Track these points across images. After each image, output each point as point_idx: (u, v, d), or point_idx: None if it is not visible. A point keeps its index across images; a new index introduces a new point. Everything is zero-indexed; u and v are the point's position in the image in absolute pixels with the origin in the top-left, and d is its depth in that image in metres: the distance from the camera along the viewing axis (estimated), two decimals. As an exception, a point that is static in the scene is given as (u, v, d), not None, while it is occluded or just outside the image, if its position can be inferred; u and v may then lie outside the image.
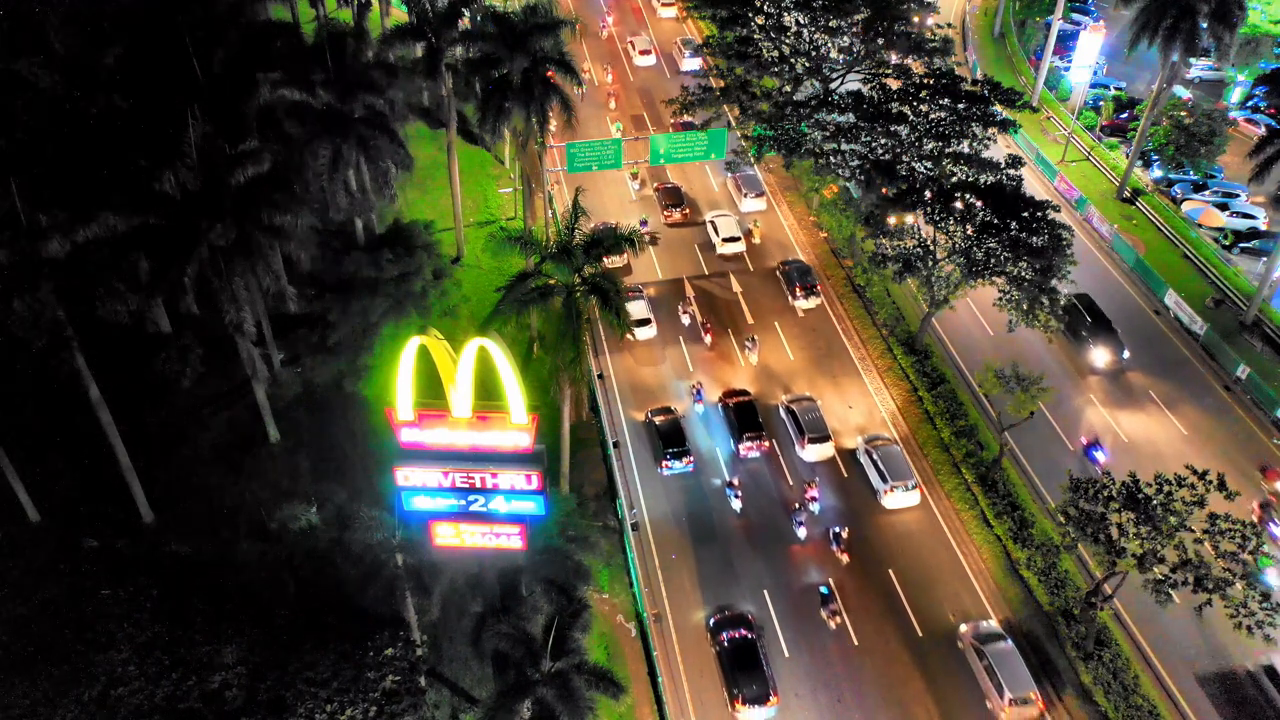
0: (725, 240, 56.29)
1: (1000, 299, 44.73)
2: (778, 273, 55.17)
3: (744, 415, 44.41)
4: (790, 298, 53.21)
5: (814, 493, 41.67)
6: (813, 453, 43.45)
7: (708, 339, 50.43)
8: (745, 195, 59.72)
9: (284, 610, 33.89)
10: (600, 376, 48.52)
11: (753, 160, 58.02)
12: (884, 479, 41.73)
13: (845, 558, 39.80)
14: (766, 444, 44.10)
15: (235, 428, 44.18)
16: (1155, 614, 36.64)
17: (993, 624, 37.50)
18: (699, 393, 46.80)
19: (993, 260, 43.71)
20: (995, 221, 43.59)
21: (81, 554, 38.43)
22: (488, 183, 62.14)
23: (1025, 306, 43.71)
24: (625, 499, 42.07)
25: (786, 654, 36.62)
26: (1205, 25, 55.05)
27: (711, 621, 37.17)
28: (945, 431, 45.33)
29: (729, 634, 35.73)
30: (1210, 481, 33.71)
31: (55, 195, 35.79)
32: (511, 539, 30.72)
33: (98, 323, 36.13)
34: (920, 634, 37.41)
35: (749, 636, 35.67)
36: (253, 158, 38.36)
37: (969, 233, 44.24)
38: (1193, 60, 63.85)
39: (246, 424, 44.10)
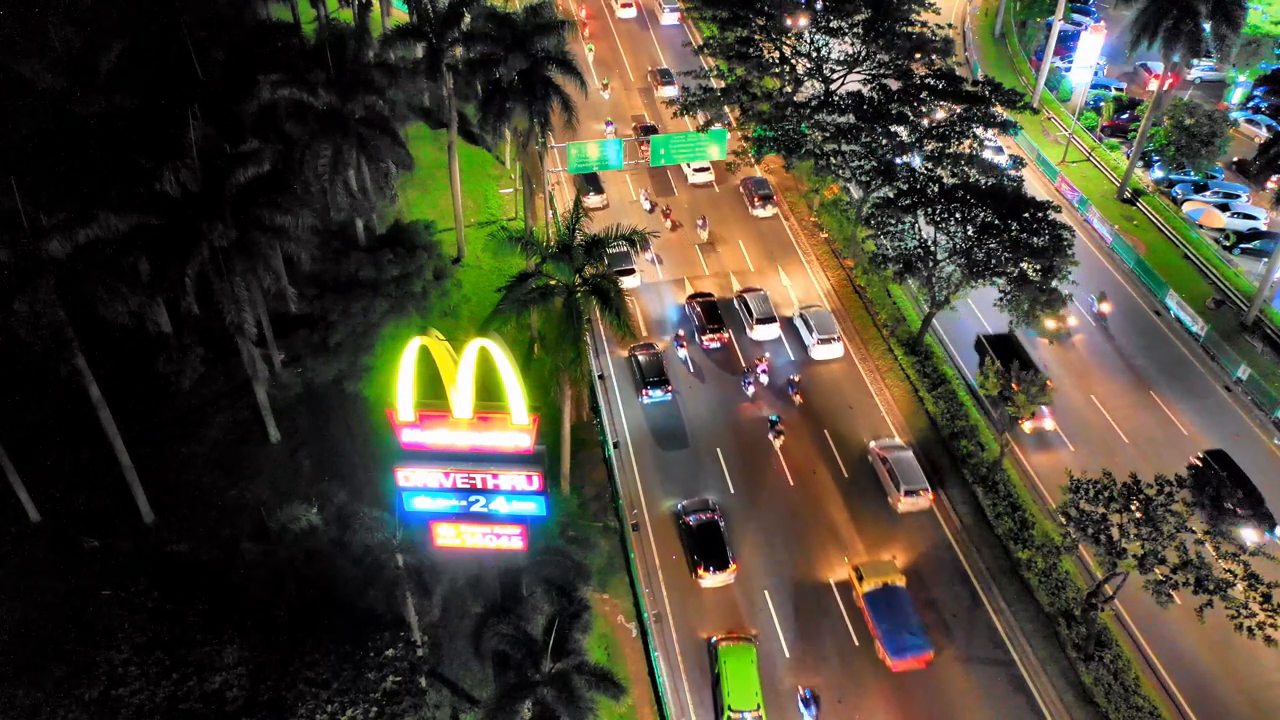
0: (697, 170, 63.08)
1: (1001, 299, 44.73)
2: (739, 188, 61.97)
3: (707, 312, 51.05)
4: (750, 207, 60.44)
5: (763, 366, 48.44)
6: (760, 332, 50.65)
7: (668, 224, 58.50)
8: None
9: (284, 611, 33.78)
10: (601, 377, 48.58)
11: (753, 160, 58.20)
12: (811, 333, 49.50)
13: (799, 399, 47.18)
14: (726, 336, 50.65)
15: (236, 428, 44.16)
16: (1156, 615, 36.64)
17: (896, 440, 44.76)
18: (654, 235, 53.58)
19: (994, 261, 43.70)
20: (996, 222, 43.58)
21: (81, 554, 38.42)
22: (488, 183, 62.15)
23: (1026, 307, 43.70)
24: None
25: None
26: (1206, 25, 55.00)
27: (679, 506, 41.77)
28: (945, 432, 45.32)
29: (694, 516, 40.44)
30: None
31: (56, 195, 35.79)
32: (512, 539, 30.70)
33: (98, 322, 36.10)
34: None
35: (712, 518, 40.34)
36: (253, 158, 38.33)
37: (970, 233, 44.24)
38: (1194, 61, 63.83)
39: (247, 424, 44.09)
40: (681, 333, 50.36)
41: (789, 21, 58.91)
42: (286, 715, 29.50)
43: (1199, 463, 42.70)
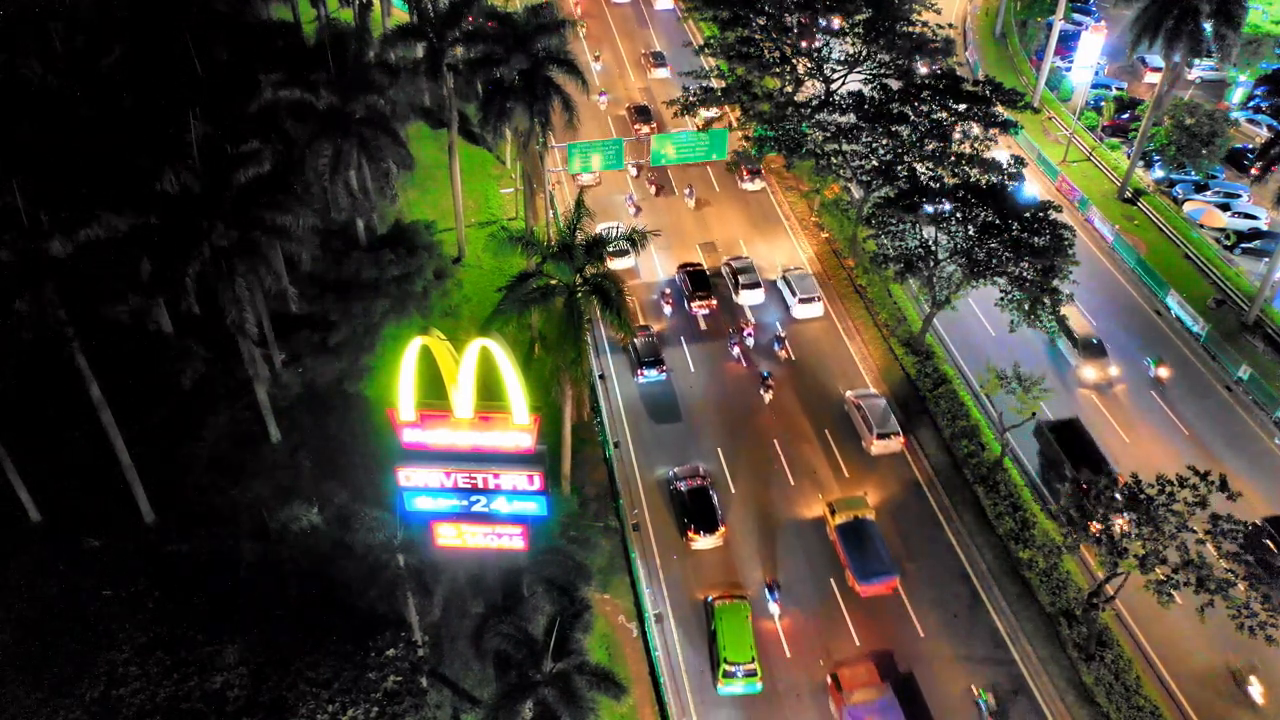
0: None
1: (1002, 299, 44.71)
2: (728, 164, 62.51)
3: (696, 280, 53.25)
4: (739, 181, 62.62)
5: (749, 330, 50.78)
6: (746, 298, 52.90)
7: (652, 190, 61.53)
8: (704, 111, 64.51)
9: (285, 611, 33.85)
10: (601, 377, 48.58)
11: (754, 157, 58.26)
12: (793, 293, 52.07)
13: (784, 354, 49.77)
14: (714, 302, 52.69)
15: (236, 428, 44.07)
16: (1158, 615, 36.60)
17: (870, 389, 47.56)
18: (633, 204, 60.19)
19: (994, 260, 43.66)
20: (997, 222, 43.53)
21: (82, 554, 38.40)
22: (489, 183, 62.14)
23: (1027, 307, 43.65)
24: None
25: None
26: (1207, 25, 54.91)
27: (672, 473, 43.32)
28: (946, 431, 45.30)
29: (686, 482, 42.06)
30: (1212, 482, 33.62)
31: (57, 195, 35.77)
32: (513, 539, 30.70)
33: (99, 322, 36.11)
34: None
35: (702, 484, 41.96)
36: (254, 158, 38.33)
37: (971, 233, 44.20)
38: (1194, 60, 63.78)
39: (248, 424, 44.02)
40: (667, 291, 53.09)
41: (789, 22, 58.83)
42: (287, 715, 29.53)
43: (1255, 528, 34.73)
